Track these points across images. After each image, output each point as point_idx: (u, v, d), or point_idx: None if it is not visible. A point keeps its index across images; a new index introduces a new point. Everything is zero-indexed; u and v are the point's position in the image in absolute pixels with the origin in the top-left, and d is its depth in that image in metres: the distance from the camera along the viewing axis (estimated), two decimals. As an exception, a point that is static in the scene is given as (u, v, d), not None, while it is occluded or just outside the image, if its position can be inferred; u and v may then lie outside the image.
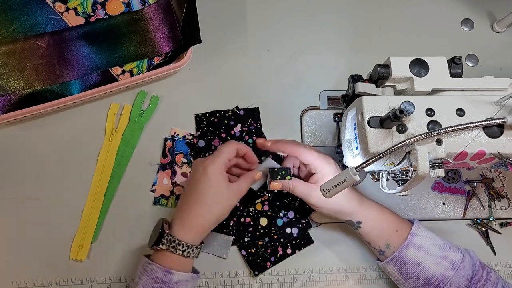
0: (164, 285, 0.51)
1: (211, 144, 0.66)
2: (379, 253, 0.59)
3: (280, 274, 0.63)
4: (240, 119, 0.68)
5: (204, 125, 0.68)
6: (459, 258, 0.55)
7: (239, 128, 0.68)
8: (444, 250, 0.56)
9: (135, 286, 0.53)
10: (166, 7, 0.67)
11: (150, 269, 0.52)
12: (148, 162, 0.66)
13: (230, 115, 0.68)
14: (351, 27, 0.77)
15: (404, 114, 0.45)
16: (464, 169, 0.70)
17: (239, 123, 0.68)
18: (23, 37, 0.63)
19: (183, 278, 0.52)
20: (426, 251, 0.55)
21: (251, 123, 0.68)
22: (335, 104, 0.71)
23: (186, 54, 0.67)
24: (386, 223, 0.58)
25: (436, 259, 0.55)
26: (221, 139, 0.66)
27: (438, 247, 0.56)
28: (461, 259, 0.55)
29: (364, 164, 0.49)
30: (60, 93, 0.65)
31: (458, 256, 0.55)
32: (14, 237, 0.62)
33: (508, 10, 0.75)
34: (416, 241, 0.56)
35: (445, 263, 0.54)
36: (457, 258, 0.55)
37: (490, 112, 0.51)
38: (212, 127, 0.67)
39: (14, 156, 0.65)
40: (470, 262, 0.56)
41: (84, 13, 0.65)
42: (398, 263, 0.56)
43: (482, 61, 0.76)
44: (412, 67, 0.55)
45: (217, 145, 0.66)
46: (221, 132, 0.67)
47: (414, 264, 0.55)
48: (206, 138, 0.67)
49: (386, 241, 0.57)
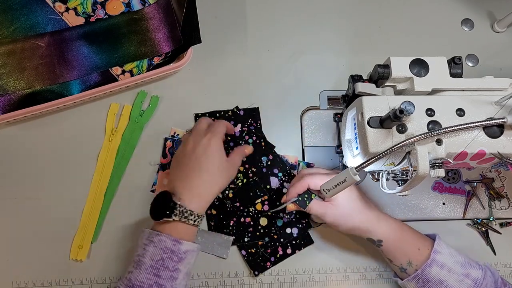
0: (173, 255, 0.52)
1: None
2: (400, 270, 0.58)
3: (280, 274, 0.63)
4: (240, 119, 0.68)
5: None
6: (481, 276, 0.54)
7: (239, 128, 0.68)
8: (466, 267, 0.55)
9: (140, 258, 0.53)
10: (166, 7, 0.67)
11: (158, 239, 0.52)
12: (148, 162, 0.66)
13: (230, 115, 0.68)
14: (351, 27, 0.77)
15: (404, 114, 0.46)
16: (464, 169, 0.69)
17: (239, 123, 0.68)
18: (23, 37, 0.63)
19: (190, 247, 0.54)
20: (449, 269, 0.54)
21: (251, 123, 0.68)
22: (335, 104, 0.71)
23: (186, 54, 0.67)
24: (407, 241, 0.57)
25: (458, 277, 0.54)
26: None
27: (460, 264, 0.55)
28: (483, 276, 0.54)
29: (364, 164, 0.49)
30: (60, 93, 0.65)
31: (479, 273, 0.54)
32: (14, 237, 0.62)
33: (508, 10, 0.75)
34: (439, 259, 0.55)
35: (467, 281, 0.54)
36: (478, 275, 0.54)
37: (490, 112, 0.51)
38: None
39: (14, 156, 0.65)
40: (491, 279, 0.55)
41: (84, 13, 0.65)
42: (420, 281, 0.55)
43: (482, 61, 0.76)
44: (412, 67, 0.55)
45: None
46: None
47: (437, 282, 0.54)
48: None
49: (408, 259, 0.56)
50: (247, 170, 0.65)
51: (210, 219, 0.64)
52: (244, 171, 0.65)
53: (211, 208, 0.64)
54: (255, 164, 0.66)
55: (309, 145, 0.69)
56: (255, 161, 0.66)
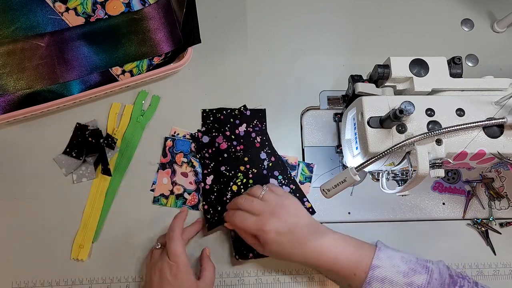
0: None
1: (215, 141, 0.66)
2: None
3: (280, 274, 0.63)
4: (246, 119, 0.68)
5: (210, 121, 0.68)
6: (425, 281, 0.53)
7: (244, 128, 0.67)
8: (409, 276, 0.53)
9: None
10: (166, 7, 0.67)
11: None
12: (148, 161, 0.66)
13: (236, 114, 0.68)
14: (351, 27, 0.77)
15: (404, 114, 0.46)
16: (464, 169, 0.70)
17: (244, 123, 0.68)
18: (23, 37, 0.63)
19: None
20: (390, 282, 0.53)
21: (257, 124, 0.68)
22: (335, 104, 0.71)
23: (186, 54, 0.67)
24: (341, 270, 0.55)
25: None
26: (225, 137, 0.66)
27: (402, 274, 0.53)
28: (428, 281, 0.53)
29: (364, 164, 0.49)
30: (60, 93, 0.65)
31: (423, 278, 0.53)
32: (14, 237, 0.62)
33: (508, 10, 0.75)
34: (378, 274, 0.53)
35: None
36: (422, 281, 0.53)
37: (490, 112, 0.51)
38: (218, 124, 0.67)
39: (14, 156, 0.65)
40: (438, 281, 0.53)
41: (84, 13, 0.65)
42: None
43: (482, 61, 0.76)
44: (412, 67, 0.55)
45: (221, 142, 0.66)
46: (226, 130, 0.67)
47: None
48: (211, 134, 0.67)
49: (347, 283, 0.56)
50: (248, 170, 0.65)
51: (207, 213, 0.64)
52: (244, 171, 0.65)
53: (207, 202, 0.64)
54: (257, 166, 0.66)
55: (309, 145, 0.69)
56: (257, 163, 0.66)
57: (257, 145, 0.67)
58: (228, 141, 0.66)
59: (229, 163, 0.65)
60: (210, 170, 0.65)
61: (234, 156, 0.65)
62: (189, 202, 0.65)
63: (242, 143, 0.66)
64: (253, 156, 0.66)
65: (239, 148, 0.66)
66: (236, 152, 0.65)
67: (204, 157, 0.66)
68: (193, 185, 0.66)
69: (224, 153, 0.65)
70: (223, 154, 0.65)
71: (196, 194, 0.65)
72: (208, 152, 0.66)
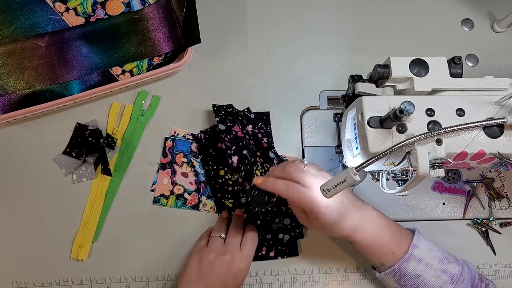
0: None
1: (232, 129, 0.64)
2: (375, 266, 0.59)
3: (280, 274, 0.63)
4: (251, 122, 0.68)
5: (222, 114, 0.66)
6: (458, 272, 0.55)
7: (250, 128, 0.67)
8: (444, 263, 0.55)
9: None
10: (166, 7, 0.67)
11: None
12: (148, 161, 0.66)
13: (242, 116, 0.68)
14: (351, 27, 0.77)
15: (404, 114, 0.46)
16: (464, 169, 0.70)
17: (250, 124, 0.68)
18: (23, 37, 0.63)
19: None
20: (426, 264, 0.54)
21: (261, 127, 0.68)
22: (335, 104, 0.71)
23: (186, 54, 0.67)
24: (381, 247, 0.56)
25: (435, 273, 0.54)
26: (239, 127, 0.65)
27: (438, 259, 0.55)
28: (460, 272, 0.55)
29: (364, 164, 0.49)
30: (60, 93, 0.65)
31: (457, 269, 0.55)
32: (14, 237, 0.62)
33: (508, 10, 0.75)
34: (416, 254, 0.55)
35: (444, 276, 0.54)
36: (456, 271, 0.55)
37: (490, 112, 0.51)
38: (231, 116, 0.66)
39: (14, 156, 0.65)
40: (469, 275, 0.55)
41: (84, 13, 0.65)
42: (397, 275, 0.55)
43: (482, 61, 0.76)
44: (412, 67, 0.55)
45: (237, 130, 0.64)
46: (239, 123, 0.66)
47: (414, 276, 0.54)
48: (226, 124, 0.64)
49: (381, 261, 0.57)
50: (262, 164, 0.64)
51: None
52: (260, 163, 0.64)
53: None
54: (268, 162, 0.65)
55: (309, 145, 0.69)
56: (268, 160, 0.65)
57: (265, 145, 0.67)
58: (242, 133, 0.65)
59: (248, 149, 0.63)
60: (233, 151, 0.62)
61: (250, 147, 0.64)
62: (189, 202, 0.65)
63: (252, 139, 0.66)
64: (263, 154, 0.66)
65: (251, 143, 0.65)
66: (250, 144, 0.64)
67: (224, 140, 0.63)
68: (193, 185, 0.66)
69: (242, 140, 0.63)
70: (242, 141, 0.63)
71: (196, 194, 0.65)
72: (227, 137, 0.63)
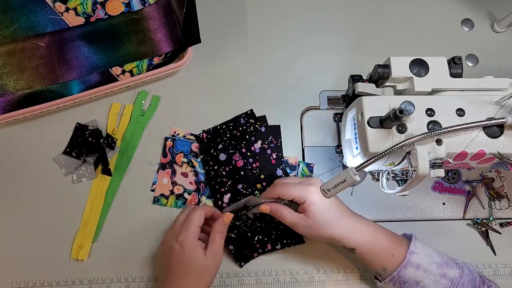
0: None
1: (232, 159, 0.65)
2: (376, 275, 0.59)
3: (280, 274, 0.63)
4: (261, 136, 0.67)
5: (226, 138, 0.66)
6: (458, 275, 0.54)
7: (259, 144, 0.67)
8: (443, 267, 0.55)
9: None
10: (166, 7, 0.67)
11: None
12: (148, 161, 0.66)
13: (252, 130, 0.67)
14: (351, 27, 0.77)
15: (404, 114, 0.46)
16: (464, 169, 0.70)
17: (259, 140, 0.67)
18: (23, 37, 0.63)
19: None
20: (425, 270, 0.54)
21: (272, 141, 0.68)
22: (335, 104, 0.71)
23: (186, 54, 0.67)
24: (381, 249, 0.56)
25: (435, 278, 0.54)
26: (241, 154, 0.65)
27: (436, 264, 0.55)
28: (460, 275, 0.54)
29: (364, 164, 0.49)
30: (60, 93, 0.65)
31: (456, 272, 0.54)
32: (14, 237, 0.62)
33: (508, 10, 0.75)
34: (414, 260, 0.54)
35: (444, 281, 0.54)
36: (455, 275, 0.54)
37: (490, 112, 0.51)
38: (234, 141, 0.66)
39: (14, 156, 0.65)
40: (469, 277, 0.55)
41: (84, 13, 0.65)
42: (397, 282, 0.55)
43: (482, 61, 0.76)
44: (412, 67, 0.55)
45: (237, 160, 0.65)
46: (242, 147, 0.66)
47: (414, 283, 0.54)
48: (227, 152, 0.66)
49: (382, 265, 0.56)
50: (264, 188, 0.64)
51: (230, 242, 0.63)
52: (261, 189, 0.64)
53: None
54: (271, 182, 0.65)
55: (309, 145, 0.69)
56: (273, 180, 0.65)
57: (273, 161, 0.67)
58: (244, 159, 0.65)
59: (246, 181, 0.64)
60: (228, 188, 0.65)
61: (251, 174, 0.65)
62: (189, 202, 0.65)
63: (258, 160, 0.66)
64: (269, 173, 0.65)
65: (255, 166, 0.65)
66: (252, 169, 0.65)
67: (222, 175, 0.65)
68: (193, 185, 0.66)
69: (240, 171, 0.65)
70: (240, 172, 0.65)
71: (196, 194, 0.65)
72: (225, 170, 0.65)
